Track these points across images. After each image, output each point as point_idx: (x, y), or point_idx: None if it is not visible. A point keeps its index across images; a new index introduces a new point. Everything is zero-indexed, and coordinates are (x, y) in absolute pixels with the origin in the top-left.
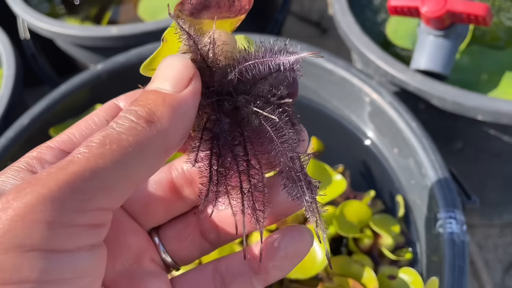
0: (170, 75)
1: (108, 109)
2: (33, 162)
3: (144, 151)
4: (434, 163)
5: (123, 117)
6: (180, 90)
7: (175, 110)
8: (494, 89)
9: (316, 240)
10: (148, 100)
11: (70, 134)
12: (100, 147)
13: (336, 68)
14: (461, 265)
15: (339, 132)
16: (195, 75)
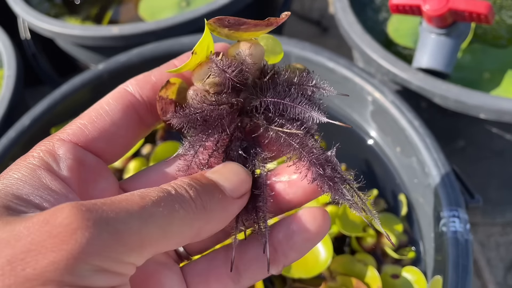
0: (232, 180)
1: (119, 97)
2: (48, 158)
3: (185, 227)
4: (437, 161)
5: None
6: (235, 197)
7: (224, 210)
8: (496, 87)
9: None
10: (208, 186)
11: (81, 125)
12: (154, 206)
13: (338, 67)
14: (465, 264)
15: (341, 131)
16: (248, 192)
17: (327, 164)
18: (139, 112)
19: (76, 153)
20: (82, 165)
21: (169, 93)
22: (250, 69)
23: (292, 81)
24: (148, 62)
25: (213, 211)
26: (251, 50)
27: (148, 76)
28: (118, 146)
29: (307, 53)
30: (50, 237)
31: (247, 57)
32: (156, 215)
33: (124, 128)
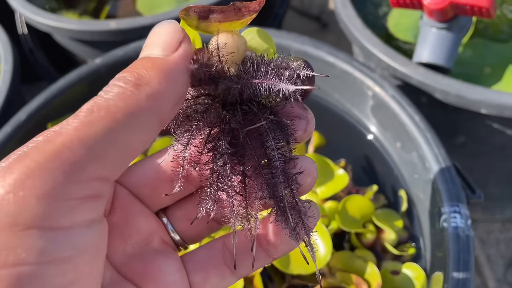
0: (159, 40)
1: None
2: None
3: (135, 116)
4: (438, 156)
5: (111, 84)
6: (170, 53)
7: (165, 73)
8: (497, 82)
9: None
10: (136, 66)
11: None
12: (88, 115)
13: (338, 61)
14: (466, 260)
15: (341, 126)
16: (185, 38)
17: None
18: None
19: None
20: None
21: None
22: (227, 60)
23: (269, 65)
24: None
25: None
26: (224, 39)
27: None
28: None
29: (306, 47)
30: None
31: (220, 46)
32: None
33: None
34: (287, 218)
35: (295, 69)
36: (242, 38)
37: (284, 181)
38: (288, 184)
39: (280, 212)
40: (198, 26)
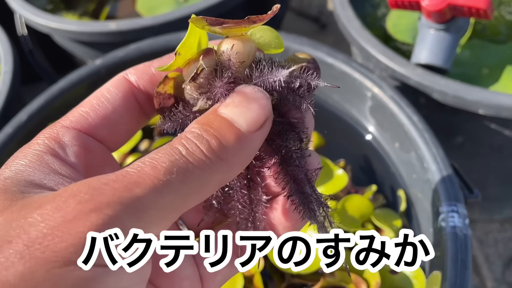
0: (248, 111)
1: (119, 84)
2: (53, 145)
3: (205, 185)
4: (436, 156)
5: (193, 143)
6: (254, 130)
7: (243, 150)
8: (495, 83)
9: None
10: (221, 127)
11: (83, 112)
12: (167, 174)
13: (337, 62)
14: (464, 259)
15: (340, 126)
16: (270, 117)
17: (307, 181)
18: (139, 100)
19: (81, 139)
20: (88, 151)
21: (167, 88)
22: (238, 68)
23: (278, 73)
24: (145, 57)
25: (232, 157)
26: (237, 48)
27: (148, 67)
28: (120, 133)
29: (305, 48)
30: (65, 222)
31: (232, 57)
32: (171, 184)
33: (126, 115)
34: (314, 214)
35: (305, 78)
36: (252, 43)
37: (306, 177)
38: (308, 180)
39: (308, 210)
40: (207, 29)
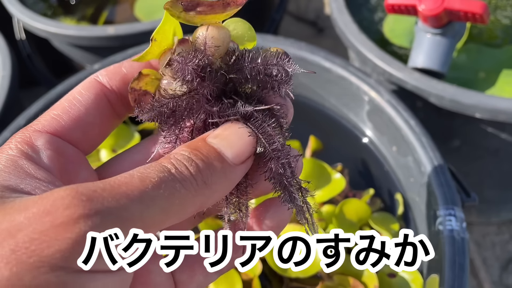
0: (235, 145)
1: (91, 86)
2: (26, 149)
3: (186, 206)
4: (433, 160)
5: (182, 164)
6: (238, 164)
7: (226, 179)
8: (491, 87)
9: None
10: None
11: (55, 116)
12: (155, 188)
13: (334, 66)
14: (461, 263)
15: (338, 130)
16: (252, 155)
17: (288, 165)
18: (111, 101)
19: (54, 143)
20: (61, 155)
21: (142, 84)
22: (213, 53)
23: (256, 61)
24: None
25: (215, 184)
26: (212, 32)
27: (119, 68)
28: (93, 135)
29: (303, 53)
30: (52, 227)
31: (207, 40)
32: (157, 198)
33: (98, 117)
34: (294, 197)
35: (282, 65)
36: (226, 30)
37: (287, 162)
38: (288, 165)
39: (288, 194)
40: (182, 17)
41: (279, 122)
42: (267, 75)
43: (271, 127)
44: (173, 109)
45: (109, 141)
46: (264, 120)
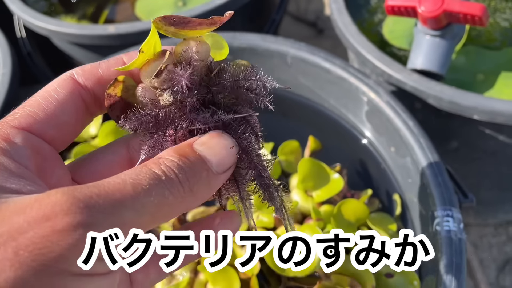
0: (220, 155)
1: (66, 85)
2: (5, 146)
3: (172, 211)
4: (431, 161)
5: (173, 172)
6: (221, 172)
7: (209, 188)
8: (489, 89)
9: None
10: (196, 166)
11: (31, 113)
12: (146, 195)
13: (334, 67)
14: (459, 263)
15: (336, 131)
16: (234, 165)
17: (264, 169)
18: (85, 101)
19: (31, 141)
20: (37, 153)
21: (117, 91)
22: (198, 66)
23: (238, 75)
24: None
25: (199, 192)
26: (198, 48)
27: (95, 68)
28: (66, 133)
29: (303, 53)
30: (54, 232)
31: (194, 54)
32: (148, 205)
33: (73, 115)
34: (273, 197)
35: (262, 80)
36: (207, 44)
37: (263, 167)
38: (265, 169)
39: (267, 194)
40: (168, 31)
41: (254, 130)
42: (247, 89)
43: (249, 134)
44: (157, 118)
45: (109, 139)
46: (242, 127)
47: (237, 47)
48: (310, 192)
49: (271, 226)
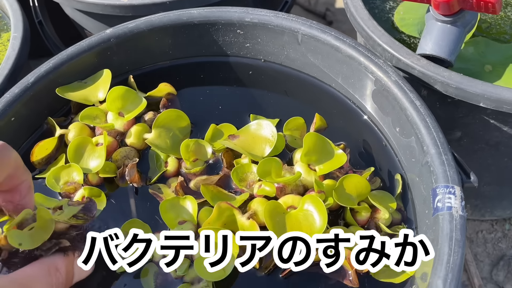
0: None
1: None
2: None
3: None
4: (437, 140)
5: None
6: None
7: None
8: (497, 79)
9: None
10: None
11: None
12: None
13: (344, 45)
14: (458, 239)
15: (342, 111)
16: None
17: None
18: None
19: None
20: None
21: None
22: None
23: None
24: (156, 30)
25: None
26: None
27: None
28: None
29: (314, 31)
30: None
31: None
32: None
33: None
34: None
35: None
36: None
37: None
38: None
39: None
40: None
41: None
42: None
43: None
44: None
45: (116, 104)
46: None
47: (248, 22)
48: (313, 166)
49: (273, 195)
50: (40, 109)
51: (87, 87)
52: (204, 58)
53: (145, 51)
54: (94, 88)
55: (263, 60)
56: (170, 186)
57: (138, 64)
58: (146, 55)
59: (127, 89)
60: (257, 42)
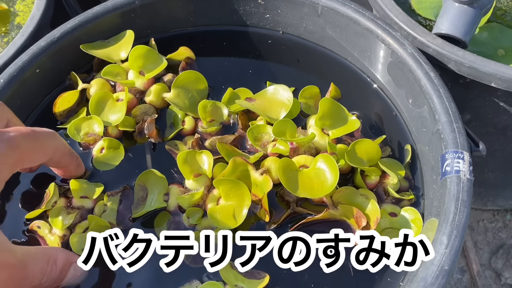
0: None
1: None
2: None
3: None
4: (448, 109)
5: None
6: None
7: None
8: (509, 63)
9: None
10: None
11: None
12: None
13: (363, 18)
14: (465, 199)
15: (357, 84)
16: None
17: None
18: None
19: None
20: None
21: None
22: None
23: None
24: None
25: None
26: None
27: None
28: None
29: (334, 3)
30: None
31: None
32: None
33: None
34: None
35: None
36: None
37: None
38: None
39: None
40: None
41: None
42: None
43: None
44: None
45: (138, 62)
46: None
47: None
48: (326, 130)
49: (286, 154)
50: (63, 65)
51: (109, 46)
52: (224, 27)
53: (167, 16)
54: (117, 48)
55: (282, 32)
56: (186, 143)
57: (160, 29)
58: (168, 20)
59: (149, 49)
60: (277, 13)
